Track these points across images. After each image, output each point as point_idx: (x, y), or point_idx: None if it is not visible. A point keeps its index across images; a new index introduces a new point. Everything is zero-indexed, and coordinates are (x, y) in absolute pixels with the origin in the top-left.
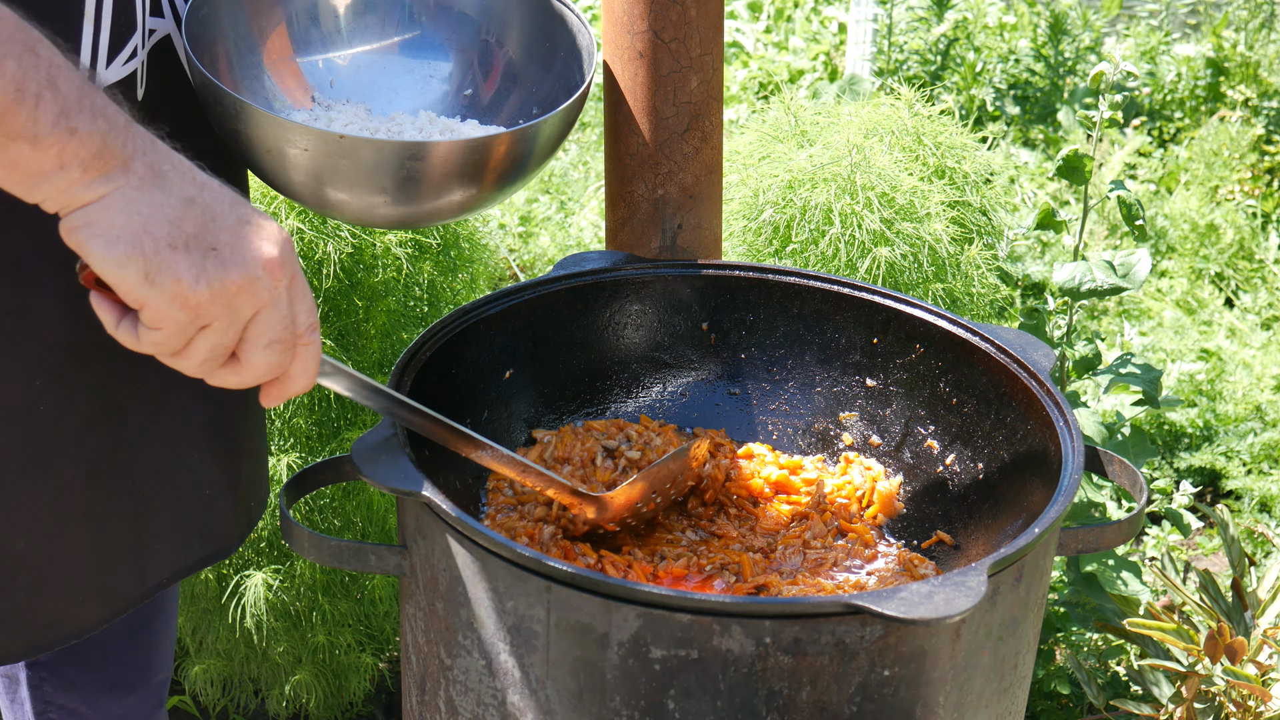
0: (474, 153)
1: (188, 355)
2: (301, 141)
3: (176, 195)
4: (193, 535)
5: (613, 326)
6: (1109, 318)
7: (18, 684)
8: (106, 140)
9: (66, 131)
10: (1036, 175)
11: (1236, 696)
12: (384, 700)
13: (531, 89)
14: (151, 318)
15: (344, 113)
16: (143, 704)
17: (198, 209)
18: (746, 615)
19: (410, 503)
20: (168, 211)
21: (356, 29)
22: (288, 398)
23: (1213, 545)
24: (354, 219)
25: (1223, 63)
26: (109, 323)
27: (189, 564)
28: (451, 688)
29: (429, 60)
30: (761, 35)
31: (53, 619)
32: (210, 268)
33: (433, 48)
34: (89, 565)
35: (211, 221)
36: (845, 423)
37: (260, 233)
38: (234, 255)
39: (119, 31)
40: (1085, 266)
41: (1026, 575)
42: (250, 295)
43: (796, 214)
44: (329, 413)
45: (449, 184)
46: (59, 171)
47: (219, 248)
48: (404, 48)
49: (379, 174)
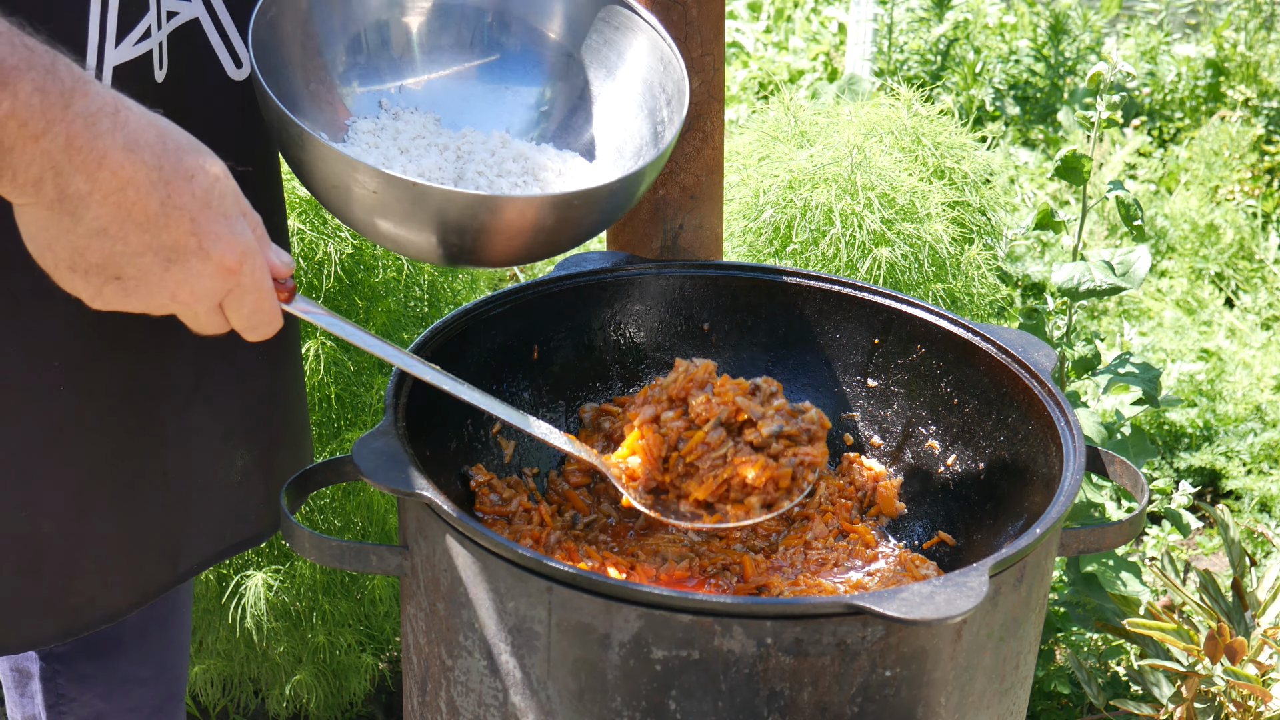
0: (552, 208)
1: None
2: (371, 184)
3: (86, 225)
4: (226, 522)
5: (614, 327)
6: (1109, 318)
7: (30, 677)
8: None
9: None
10: (1036, 175)
11: (1236, 696)
12: (384, 700)
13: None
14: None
15: (411, 123)
16: (156, 697)
17: (108, 242)
18: (748, 616)
19: (411, 503)
20: (73, 240)
21: (431, 50)
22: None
23: (1213, 545)
24: (411, 256)
25: (1223, 63)
26: None
27: (220, 549)
28: (453, 688)
29: (507, 82)
30: (761, 35)
31: (83, 602)
32: (108, 294)
33: (512, 69)
34: (119, 549)
35: (121, 255)
36: (846, 423)
37: (176, 273)
38: (138, 289)
39: (129, 11)
40: (1084, 266)
41: (1028, 575)
42: (160, 311)
43: (797, 214)
44: (329, 413)
45: (520, 236)
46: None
47: (123, 278)
48: (481, 70)
49: (446, 221)
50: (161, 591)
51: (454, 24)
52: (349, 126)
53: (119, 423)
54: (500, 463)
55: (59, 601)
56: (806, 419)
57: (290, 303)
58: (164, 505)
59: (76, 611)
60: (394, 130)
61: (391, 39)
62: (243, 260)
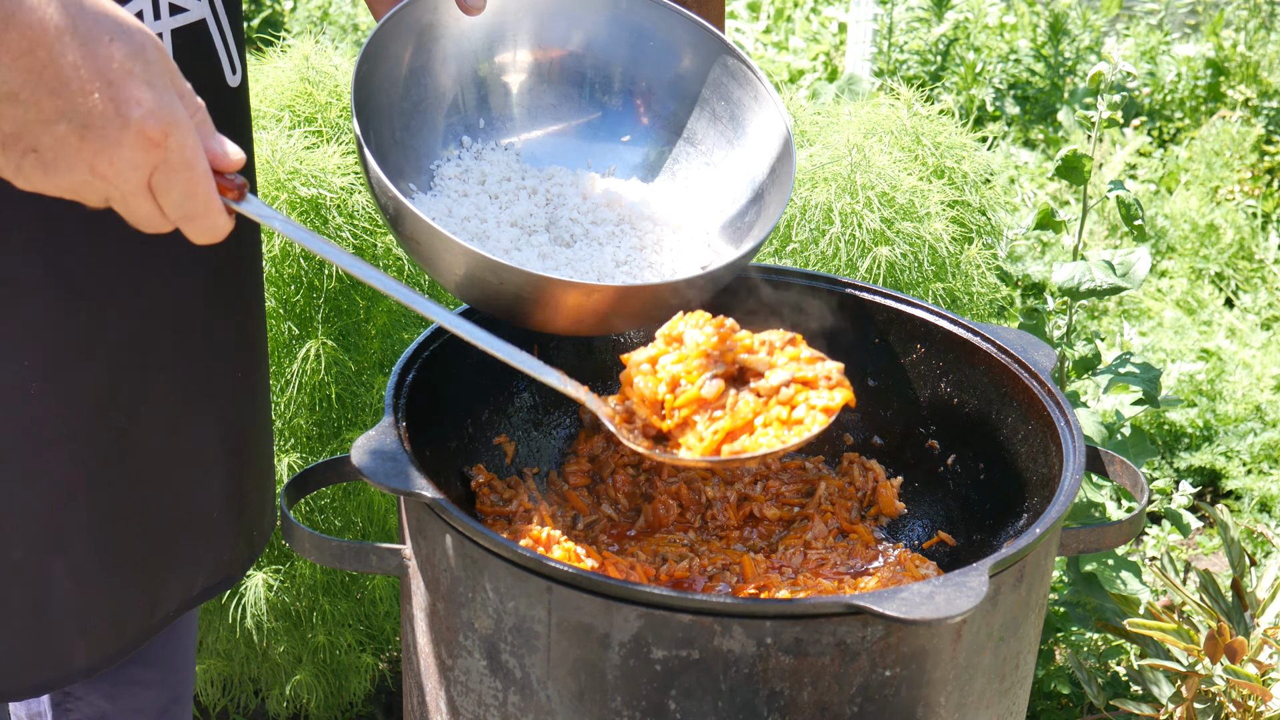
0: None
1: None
2: (460, 265)
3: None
4: (199, 564)
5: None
6: (1109, 318)
7: None
8: None
9: None
10: (1036, 175)
11: (1236, 696)
12: (384, 700)
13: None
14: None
15: (496, 164)
16: (162, 698)
17: (19, 108)
18: (747, 616)
19: (411, 503)
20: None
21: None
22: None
23: (1213, 545)
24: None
25: (1223, 63)
26: None
27: (193, 595)
28: (453, 688)
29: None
30: (761, 35)
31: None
32: (27, 168)
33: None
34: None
35: (34, 125)
36: (846, 423)
37: (93, 141)
38: (56, 164)
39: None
40: (1085, 266)
41: (1027, 575)
42: (88, 192)
43: (797, 213)
44: (329, 413)
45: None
46: None
47: (39, 150)
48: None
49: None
50: (141, 640)
51: (560, 83)
52: (434, 171)
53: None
54: (501, 463)
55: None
56: (823, 367)
57: (240, 202)
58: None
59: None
60: (479, 174)
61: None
62: (167, 131)
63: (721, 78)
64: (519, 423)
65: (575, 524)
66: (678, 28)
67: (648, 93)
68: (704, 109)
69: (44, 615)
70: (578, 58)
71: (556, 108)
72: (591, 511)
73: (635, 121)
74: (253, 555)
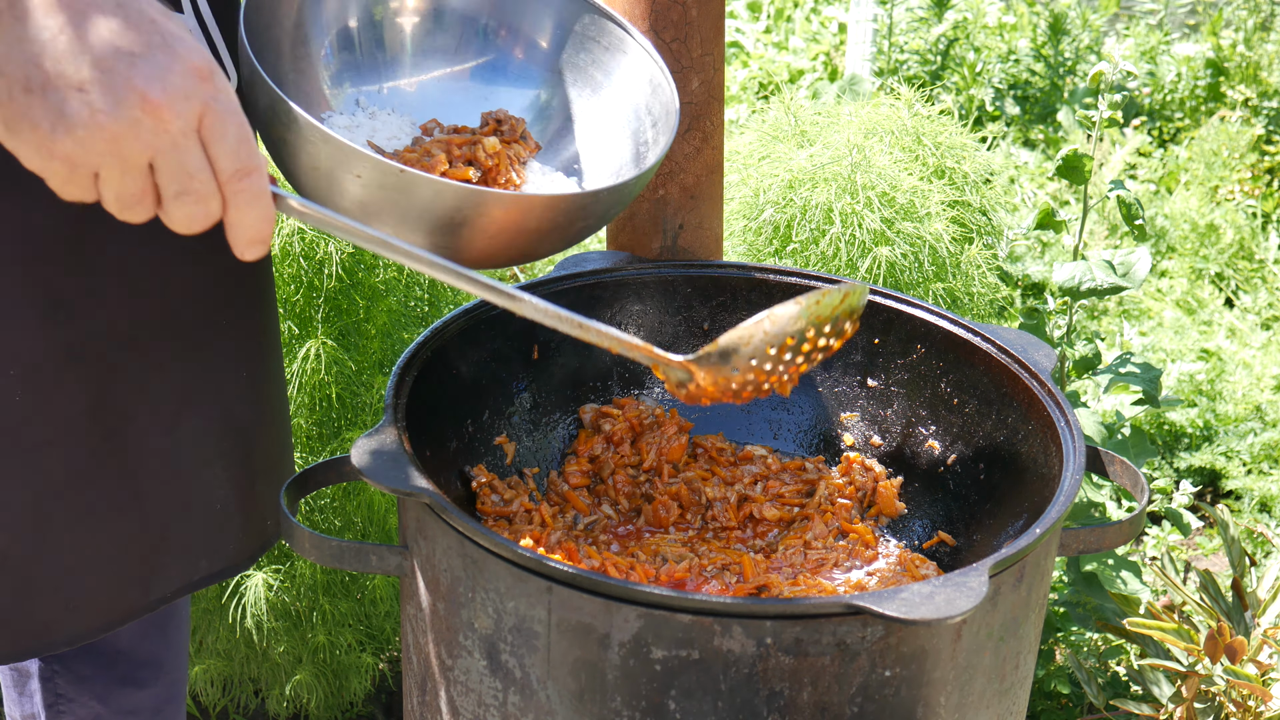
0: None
1: (106, 204)
2: (358, 167)
3: (37, 27)
4: (201, 551)
5: (614, 327)
6: (1109, 318)
7: (29, 677)
8: None
9: None
10: (1036, 175)
11: (1236, 696)
12: (384, 700)
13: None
14: (30, 168)
15: (387, 123)
16: (155, 699)
17: (63, 43)
18: (747, 616)
19: (411, 503)
20: (26, 48)
21: (424, 51)
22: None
23: (1213, 545)
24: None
25: (1222, 63)
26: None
27: (195, 579)
28: (452, 688)
29: (495, 86)
30: (761, 35)
31: (48, 621)
32: (71, 112)
33: (501, 75)
34: (85, 570)
35: (79, 55)
36: (846, 423)
37: (146, 71)
38: (104, 96)
39: None
40: (1085, 266)
41: (1028, 575)
42: (133, 140)
43: (797, 214)
44: (329, 413)
45: (501, 236)
46: None
47: (85, 87)
48: (474, 72)
49: (429, 215)
50: (133, 616)
51: (448, 26)
52: (325, 120)
53: (84, 441)
54: (501, 464)
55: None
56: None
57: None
58: (139, 530)
59: (35, 633)
60: (370, 129)
61: (385, 39)
62: (213, 71)
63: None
64: (519, 423)
65: (575, 524)
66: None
67: (530, 38)
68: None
69: (29, 597)
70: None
71: (446, 52)
72: (592, 511)
73: (522, 65)
74: (265, 545)
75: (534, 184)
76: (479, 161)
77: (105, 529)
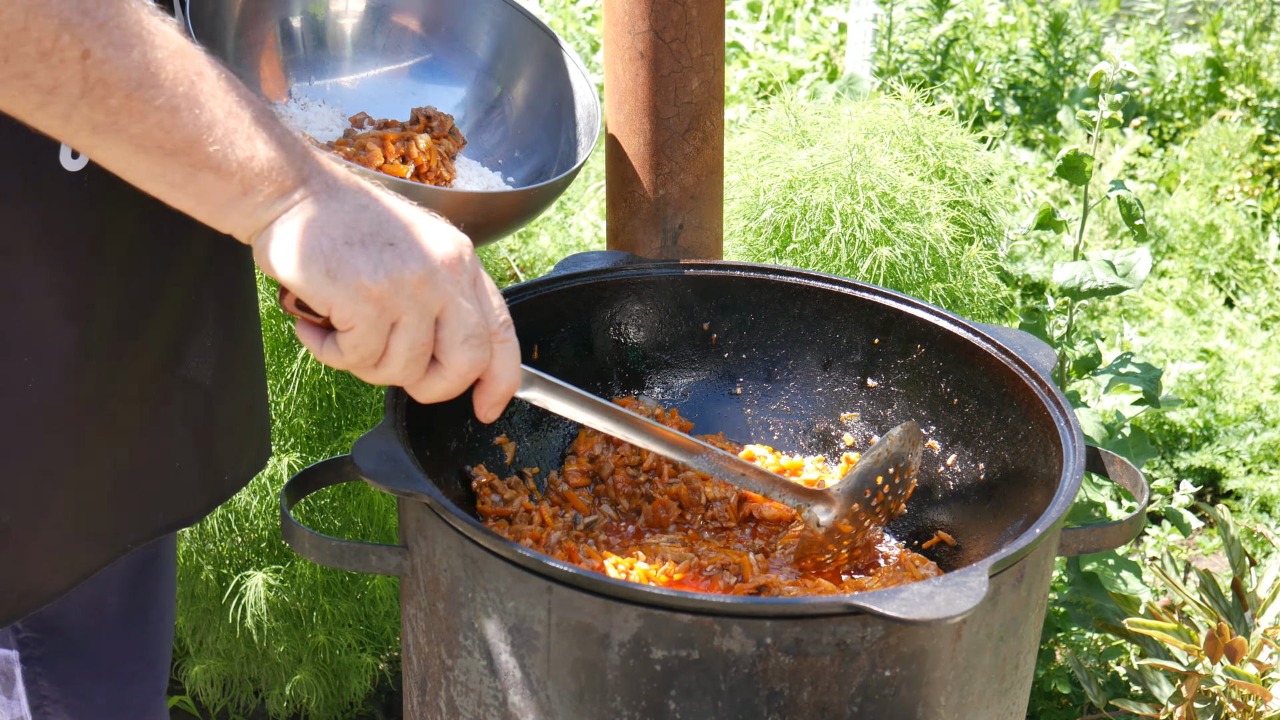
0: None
1: (389, 360)
2: None
3: (350, 203)
4: (158, 505)
5: (614, 327)
6: (1109, 318)
7: (13, 680)
8: (288, 161)
9: (249, 157)
10: (1036, 175)
11: (1236, 696)
12: (384, 700)
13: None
14: (341, 316)
15: (319, 115)
16: (139, 695)
17: (371, 213)
18: (747, 616)
19: (411, 503)
20: (344, 216)
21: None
22: (500, 402)
23: (1213, 545)
24: None
25: (1222, 63)
26: (313, 347)
27: (150, 531)
28: (452, 688)
29: (425, 83)
30: (761, 35)
31: (29, 587)
32: (388, 260)
33: (435, 75)
34: (66, 536)
35: (386, 223)
36: (846, 423)
37: (436, 233)
38: (410, 250)
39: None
40: (1085, 266)
41: (1028, 575)
42: (432, 288)
43: (797, 214)
44: (329, 413)
45: None
46: (243, 198)
47: (395, 243)
48: (410, 70)
49: None
50: (93, 572)
51: (385, 28)
52: None
53: (87, 422)
54: (501, 464)
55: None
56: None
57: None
58: (110, 492)
59: (20, 597)
60: (303, 120)
61: (326, 37)
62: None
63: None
64: (519, 423)
65: (576, 524)
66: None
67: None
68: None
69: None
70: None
71: (385, 54)
72: (591, 511)
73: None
74: (220, 498)
75: (463, 178)
76: (412, 158)
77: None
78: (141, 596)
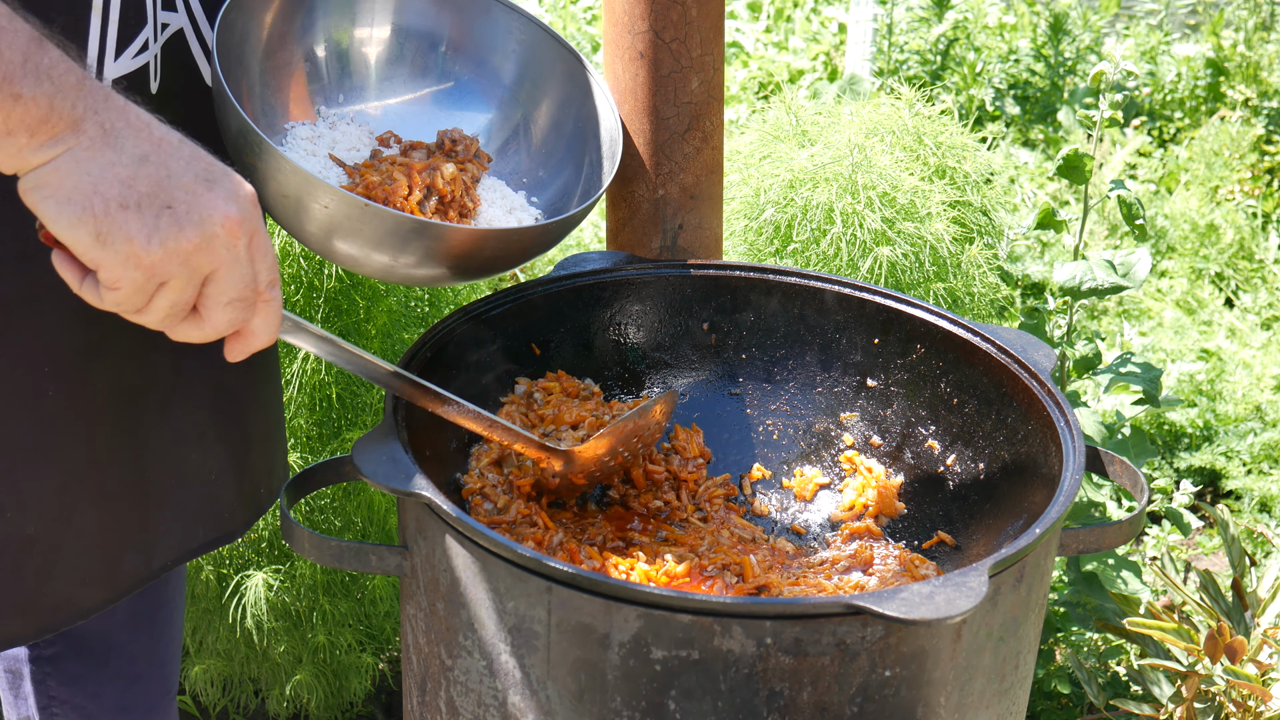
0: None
1: (148, 312)
2: (325, 199)
3: (129, 154)
4: (198, 519)
5: (613, 327)
6: (1109, 318)
7: (21, 679)
8: (53, 103)
9: (10, 98)
10: (1036, 175)
11: (1236, 696)
12: (384, 700)
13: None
14: (108, 278)
15: (348, 134)
16: (147, 696)
17: (151, 166)
18: (747, 616)
19: (411, 503)
20: (119, 171)
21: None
22: (250, 352)
23: (1213, 545)
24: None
25: (1223, 63)
26: (72, 282)
27: (193, 547)
28: (452, 688)
29: (451, 110)
30: (761, 35)
31: (60, 600)
32: (164, 226)
33: (460, 100)
34: (96, 547)
35: (167, 179)
36: (846, 423)
37: (219, 190)
38: (189, 213)
39: (128, 24)
40: (1085, 266)
41: (1027, 575)
42: (207, 254)
43: (797, 213)
44: (330, 413)
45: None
46: (6, 138)
47: (174, 205)
48: (434, 96)
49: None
50: (136, 587)
51: (409, 53)
52: (289, 131)
53: (105, 426)
54: None
55: (37, 600)
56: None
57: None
58: (140, 503)
59: (54, 609)
60: (330, 140)
61: (351, 65)
62: (256, 196)
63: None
64: None
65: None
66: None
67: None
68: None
69: (50, 579)
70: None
71: (411, 78)
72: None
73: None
74: (258, 513)
75: (488, 203)
76: (436, 188)
77: (115, 504)
78: (151, 599)
